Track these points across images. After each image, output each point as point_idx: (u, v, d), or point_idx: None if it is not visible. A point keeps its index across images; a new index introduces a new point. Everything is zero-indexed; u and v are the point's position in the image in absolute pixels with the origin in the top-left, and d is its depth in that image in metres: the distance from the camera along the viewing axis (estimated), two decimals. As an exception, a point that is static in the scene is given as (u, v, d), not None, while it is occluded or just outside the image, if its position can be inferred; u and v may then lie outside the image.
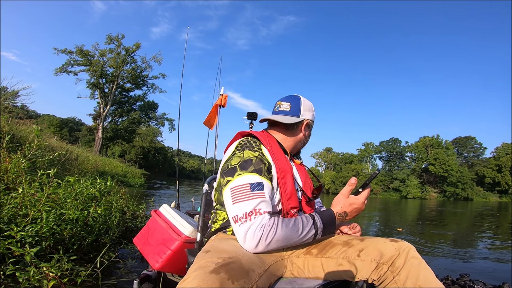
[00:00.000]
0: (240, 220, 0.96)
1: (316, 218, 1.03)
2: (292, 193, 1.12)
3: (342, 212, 1.07)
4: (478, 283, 2.53)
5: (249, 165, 1.04)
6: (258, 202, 0.97)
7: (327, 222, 1.04)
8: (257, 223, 0.94)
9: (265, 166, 1.06)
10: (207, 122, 3.37)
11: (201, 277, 0.71)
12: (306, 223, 1.00)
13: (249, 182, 1.00)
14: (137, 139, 48.94)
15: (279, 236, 0.94)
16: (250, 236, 0.94)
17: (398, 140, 63.42)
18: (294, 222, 0.99)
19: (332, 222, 1.05)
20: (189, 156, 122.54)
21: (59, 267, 1.74)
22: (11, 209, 2.03)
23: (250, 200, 0.97)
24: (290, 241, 0.98)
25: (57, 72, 27.82)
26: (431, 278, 0.89)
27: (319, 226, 1.02)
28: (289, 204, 1.11)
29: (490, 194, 53.52)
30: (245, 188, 0.99)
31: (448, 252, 5.13)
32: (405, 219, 11.87)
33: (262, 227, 0.94)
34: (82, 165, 9.67)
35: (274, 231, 0.94)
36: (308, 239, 1.01)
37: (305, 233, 0.99)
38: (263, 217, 0.96)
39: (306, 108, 1.31)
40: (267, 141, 1.17)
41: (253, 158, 1.06)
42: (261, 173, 1.04)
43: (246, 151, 1.09)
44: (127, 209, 3.84)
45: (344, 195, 1.09)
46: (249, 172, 1.03)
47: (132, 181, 16.08)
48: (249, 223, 0.95)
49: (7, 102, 7.62)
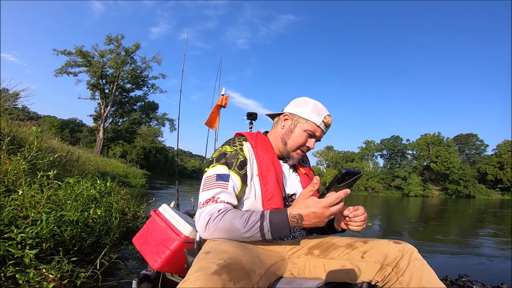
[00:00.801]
0: (200, 206, 1.03)
1: (265, 217, 0.94)
2: (273, 194, 1.10)
3: (296, 214, 0.92)
4: (477, 284, 2.52)
5: (222, 158, 1.10)
6: (219, 191, 1.02)
7: (276, 224, 0.93)
8: (208, 210, 0.99)
9: (237, 161, 1.10)
10: (208, 122, 3.37)
11: (203, 278, 0.71)
12: (252, 221, 0.94)
13: (217, 173, 1.06)
14: (138, 139, 48.99)
15: (222, 225, 0.95)
16: (200, 220, 0.99)
17: (399, 138, 63.38)
18: (241, 216, 0.95)
19: (283, 225, 0.92)
20: (190, 156, 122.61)
21: (59, 269, 1.75)
22: (11, 211, 2.03)
23: (213, 189, 1.03)
24: (234, 234, 0.95)
25: (57, 73, 27.87)
26: (434, 279, 0.91)
27: (264, 225, 0.93)
28: (269, 205, 1.09)
29: (492, 192, 53.39)
30: (212, 178, 1.06)
31: (447, 252, 5.12)
32: (406, 217, 11.85)
33: (210, 213, 0.97)
34: (83, 166, 9.68)
35: (219, 219, 0.95)
36: (254, 238, 0.95)
37: (247, 229, 0.94)
38: (217, 205, 1.00)
39: (295, 103, 1.26)
40: (254, 141, 1.19)
41: (228, 153, 1.12)
42: (231, 166, 1.08)
43: (225, 146, 1.16)
44: (128, 209, 3.85)
45: (303, 195, 0.94)
46: (220, 164, 1.09)
47: (134, 181, 16.12)
48: (203, 208, 1.00)
49: (7, 104, 7.63)
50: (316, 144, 1.26)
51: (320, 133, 1.23)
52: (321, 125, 1.21)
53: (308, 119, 1.20)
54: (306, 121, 1.20)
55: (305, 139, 1.22)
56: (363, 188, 56.64)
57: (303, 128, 1.20)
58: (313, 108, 1.21)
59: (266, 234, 0.93)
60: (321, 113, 1.21)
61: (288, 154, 1.24)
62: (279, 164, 1.20)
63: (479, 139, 60.07)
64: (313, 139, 1.23)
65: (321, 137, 1.26)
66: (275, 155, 1.22)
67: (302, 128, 1.20)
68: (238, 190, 1.07)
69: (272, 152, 1.21)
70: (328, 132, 1.29)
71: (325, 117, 1.21)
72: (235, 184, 1.06)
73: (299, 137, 1.21)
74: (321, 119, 1.20)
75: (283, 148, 1.24)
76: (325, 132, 1.26)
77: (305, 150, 1.26)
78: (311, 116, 1.20)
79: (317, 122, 1.20)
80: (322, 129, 1.22)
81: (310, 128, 1.20)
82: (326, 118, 1.22)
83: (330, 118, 1.23)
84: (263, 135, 1.27)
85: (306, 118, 1.20)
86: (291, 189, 1.23)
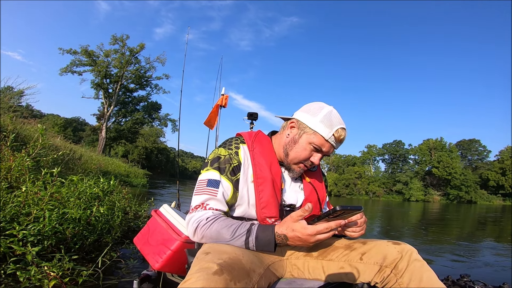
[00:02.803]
0: (190, 211, 1.04)
1: (252, 232, 0.93)
2: (268, 202, 1.05)
3: (282, 234, 0.90)
4: (479, 284, 2.52)
5: (215, 162, 1.07)
6: (207, 198, 1.02)
7: (262, 240, 0.92)
8: (196, 216, 1.00)
9: (230, 166, 1.06)
10: (207, 122, 3.38)
11: (204, 278, 0.71)
12: (239, 233, 0.93)
13: (208, 178, 1.05)
14: (140, 139, 49.04)
15: (209, 234, 0.96)
16: (189, 226, 1.01)
17: (401, 143, 63.08)
18: (229, 227, 0.95)
19: (268, 242, 0.91)
20: (192, 157, 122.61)
21: (61, 267, 1.74)
22: (13, 208, 2.04)
23: (202, 194, 1.03)
24: (220, 242, 0.95)
25: (62, 72, 28.00)
26: (434, 280, 0.90)
27: (250, 240, 0.92)
28: (264, 213, 1.05)
29: (494, 197, 52.96)
30: (203, 183, 1.05)
31: (448, 252, 5.10)
32: (407, 221, 11.79)
33: (198, 221, 0.98)
34: (86, 164, 9.71)
35: (206, 228, 0.96)
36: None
37: (233, 241, 0.94)
38: (205, 212, 1.00)
39: (306, 108, 1.12)
40: (252, 142, 1.13)
41: (222, 157, 1.08)
42: (223, 172, 1.05)
43: (220, 148, 1.12)
44: (130, 209, 3.86)
45: (292, 217, 0.90)
46: (212, 168, 1.06)
47: (135, 181, 16.12)
48: (192, 214, 1.01)
49: (12, 101, 7.68)
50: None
51: (328, 148, 1.07)
52: (331, 140, 1.05)
53: (316, 131, 1.05)
54: (314, 132, 1.05)
55: (309, 153, 1.08)
56: (364, 192, 56.39)
57: (308, 140, 1.06)
58: (325, 118, 1.05)
59: (251, 248, 0.94)
60: (333, 125, 1.04)
61: (289, 167, 1.13)
62: (278, 169, 1.11)
63: (481, 145, 59.84)
64: (319, 154, 1.08)
65: (330, 153, 1.09)
66: (275, 159, 1.13)
67: (308, 140, 1.06)
68: (228, 197, 1.05)
69: (271, 155, 1.13)
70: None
71: (337, 131, 1.05)
72: (225, 191, 1.04)
73: (302, 150, 1.08)
74: (332, 132, 1.04)
75: (284, 159, 1.13)
76: (336, 148, 1.10)
77: (308, 165, 1.12)
78: (320, 127, 1.04)
79: (326, 135, 1.04)
80: (331, 144, 1.06)
81: (317, 141, 1.05)
82: (339, 131, 1.05)
83: (343, 132, 1.06)
84: (264, 136, 1.20)
85: (314, 129, 1.05)
86: (290, 196, 1.15)
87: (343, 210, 0.83)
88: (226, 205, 1.05)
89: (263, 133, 1.23)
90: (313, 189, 1.19)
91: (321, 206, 1.21)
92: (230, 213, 1.10)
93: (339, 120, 1.07)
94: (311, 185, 1.20)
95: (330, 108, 1.09)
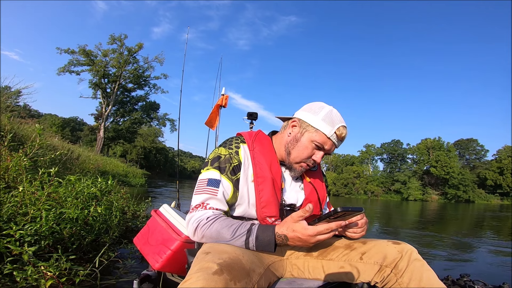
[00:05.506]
0: (191, 210, 1.04)
1: (252, 232, 0.93)
2: (268, 202, 1.05)
3: (282, 234, 0.91)
4: (479, 283, 2.52)
5: (216, 161, 1.07)
6: (208, 197, 1.02)
7: (262, 240, 0.92)
8: (196, 216, 1.00)
9: (230, 165, 1.06)
10: (208, 122, 3.38)
11: (204, 278, 0.70)
12: (239, 233, 0.94)
13: (209, 177, 1.05)
14: (138, 139, 49.00)
15: (209, 234, 0.96)
16: (189, 226, 1.01)
17: (399, 142, 63.34)
18: (229, 227, 0.95)
19: (268, 242, 0.92)
20: (190, 157, 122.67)
21: (58, 267, 1.73)
22: (11, 208, 2.02)
23: (202, 194, 1.03)
24: (220, 242, 0.95)
25: (60, 71, 27.89)
26: (434, 280, 0.90)
27: (250, 240, 0.93)
28: (264, 213, 1.06)
29: (492, 197, 53.32)
30: (203, 182, 1.05)
31: (448, 252, 5.11)
32: (405, 220, 11.83)
33: (198, 220, 0.98)
34: (84, 164, 9.68)
35: (207, 227, 0.96)
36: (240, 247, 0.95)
37: (233, 241, 0.94)
38: (206, 212, 1.00)
39: (307, 107, 1.13)
40: (252, 142, 1.13)
41: (222, 156, 1.08)
42: (223, 171, 1.06)
43: (221, 148, 1.12)
44: (128, 208, 3.83)
45: (292, 218, 0.91)
46: (212, 168, 1.06)
47: (133, 181, 16.10)
48: (192, 214, 1.01)
49: (9, 101, 7.64)
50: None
51: (330, 146, 1.08)
52: (333, 137, 1.07)
53: (318, 129, 1.06)
54: (316, 130, 1.07)
55: (311, 151, 1.09)
56: (363, 191, 56.55)
57: (310, 138, 1.08)
58: (326, 116, 1.07)
59: (251, 248, 0.94)
60: (334, 123, 1.06)
61: (290, 166, 1.13)
62: (278, 168, 1.11)
63: (479, 144, 60.18)
64: (321, 152, 1.09)
65: (331, 151, 1.10)
66: (276, 158, 1.13)
67: (310, 138, 1.08)
68: (229, 196, 1.05)
69: (272, 154, 1.13)
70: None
71: (339, 129, 1.07)
72: (225, 190, 1.04)
73: (304, 149, 1.09)
74: (334, 130, 1.06)
75: (286, 158, 1.13)
76: (337, 146, 1.11)
77: (310, 164, 1.12)
78: (322, 125, 1.06)
79: (328, 133, 1.06)
80: (333, 141, 1.08)
81: (319, 139, 1.07)
82: (340, 129, 1.07)
83: (344, 130, 1.08)
84: (264, 135, 1.21)
85: (316, 127, 1.07)
86: (290, 196, 1.15)
87: (344, 211, 0.84)
88: (226, 205, 1.05)
89: (263, 132, 1.23)
90: (314, 189, 1.20)
91: (321, 206, 1.21)
92: (230, 213, 1.10)
93: (340, 118, 1.10)
94: (312, 184, 1.20)
95: (331, 107, 1.12)
